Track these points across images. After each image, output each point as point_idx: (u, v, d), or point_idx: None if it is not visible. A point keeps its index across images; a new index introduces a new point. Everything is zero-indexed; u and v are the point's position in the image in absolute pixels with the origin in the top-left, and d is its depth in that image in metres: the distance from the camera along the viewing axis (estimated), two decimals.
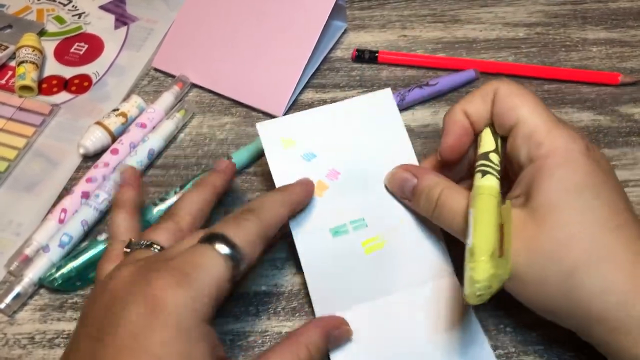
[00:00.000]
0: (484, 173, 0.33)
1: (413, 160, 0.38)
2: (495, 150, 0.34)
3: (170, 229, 0.33)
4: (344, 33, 0.53)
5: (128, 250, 0.33)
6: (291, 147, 0.38)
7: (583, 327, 0.30)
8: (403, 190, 0.36)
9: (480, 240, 0.30)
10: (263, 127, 0.39)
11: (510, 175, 0.35)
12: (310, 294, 0.35)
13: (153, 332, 0.26)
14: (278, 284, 0.38)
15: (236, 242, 0.30)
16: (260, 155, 0.44)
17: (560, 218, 0.30)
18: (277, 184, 0.37)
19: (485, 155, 0.34)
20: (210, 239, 0.30)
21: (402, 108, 0.47)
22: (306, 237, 0.36)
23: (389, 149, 0.39)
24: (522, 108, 0.33)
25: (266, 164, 0.44)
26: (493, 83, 0.35)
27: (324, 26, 0.47)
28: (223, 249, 0.29)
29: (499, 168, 0.34)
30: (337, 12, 0.51)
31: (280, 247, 0.40)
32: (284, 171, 0.38)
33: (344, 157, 0.38)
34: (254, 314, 0.37)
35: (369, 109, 0.40)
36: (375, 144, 0.39)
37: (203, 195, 0.36)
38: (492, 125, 0.35)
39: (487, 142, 0.35)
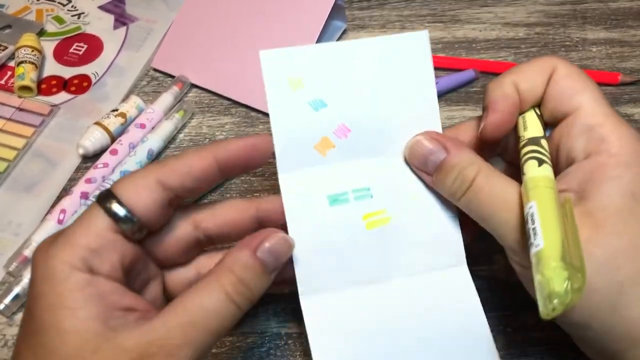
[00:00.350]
0: (540, 162, 0.29)
1: (438, 128, 0.33)
2: (544, 137, 0.30)
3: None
4: (343, 33, 0.53)
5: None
6: (298, 89, 0.32)
7: (618, 348, 0.27)
8: (426, 164, 0.31)
9: (553, 242, 0.25)
10: (268, 58, 0.33)
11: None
12: (295, 269, 0.31)
13: (30, 291, 0.26)
14: None
15: (119, 193, 0.27)
16: None
17: (622, 225, 0.26)
18: (275, 134, 0.31)
19: (537, 141, 0.30)
20: (99, 197, 0.27)
21: None
22: (298, 201, 0.31)
23: (413, 109, 0.33)
24: (584, 94, 0.29)
25: (267, 164, 0.44)
26: (550, 58, 0.30)
27: (324, 26, 0.47)
28: (109, 202, 0.27)
29: (550, 157, 0.29)
30: (336, 12, 0.51)
31: None
32: (284, 118, 0.31)
33: (358, 112, 0.32)
34: (253, 315, 0.37)
35: (397, 54, 0.33)
36: (397, 101, 0.33)
37: (203, 154, 0.29)
38: (538, 106, 0.31)
39: (534, 125, 0.31)
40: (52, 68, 0.50)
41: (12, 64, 0.50)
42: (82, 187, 0.41)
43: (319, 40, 0.47)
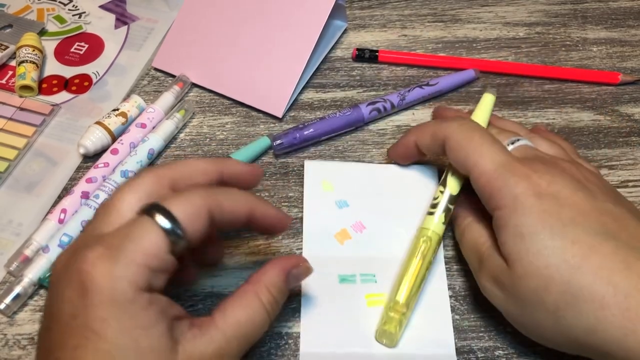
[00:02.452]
0: (431, 213, 0.37)
1: None
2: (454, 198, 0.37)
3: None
4: (344, 33, 0.53)
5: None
6: (329, 191, 0.41)
7: (592, 353, 0.30)
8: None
9: (405, 295, 0.34)
10: (310, 166, 0.42)
11: None
12: (301, 330, 0.36)
13: (88, 310, 0.25)
14: None
15: (175, 214, 0.27)
16: (259, 156, 0.44)
17: (528, 266, 0.31)
18: (306, 220, 0.40)
19: (452, 198, 0.37)
20: (149, 210, 0.27)
21: (402, 108, 0.47)
22: (313, 275, 0.35)
23: (419, 218, 0.39)
24: (471, 157, 0.34)
25: (267, 164, 0.44)
26: (444, 128, 0.36)
27: (324, 26, 0.47)
28: (161, 220, 0.27)
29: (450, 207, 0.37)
30: (337, 11, 0.51)
31: (279, 247, 0.40)
32: (315, 210, 0.40)
33: (373, 215, 0.40)
34: None
35: (411, 177, 0.42)
36: (407, 211, 0.40)
37: (207, 166, 0.32)
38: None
39: (450, 184, 0.37)
40: (53, 67, 0.50)
41: (13, 63, 0.50)
42: (82, 187, 0.41)
43: (319, 40, 0.47)
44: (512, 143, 0.37)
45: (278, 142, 0.44)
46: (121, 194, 0.29)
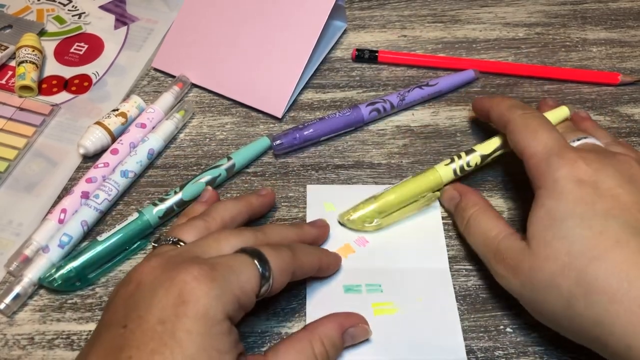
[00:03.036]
0: (451, 161, 0.40)
1: (444, 254, 0.39)
2: (485, 156, 0.40)
3: (199, 229, 0.34)
4: (343, 33, 0.53)
5: (155, 244, 0.34)
6: (330, 211, 0.41)
7: (596, 346, 0.31)
8: (450, 206, 0.40)
9: (386, 200, 0.39)
10: (312, 190, 0.43)
11: None
12: None
13: (180, 319, 0.27)
14: None
15: (271, 264, 0.30)
16: (259, 156, 0.44)
17: (550, 249, 0.31)
18: None
19: (472, 150, 0.40)
20: (250, 252, 0.31)
21: (402, 108, 0.47)
22: (317, 286, 0.37)
23: (422, 232, 0.40)
24: (525, 140, 0.35)
25: (267, 164, 0.44)
26: (510, 113, 0.37)
27: (324, 26, 0.47)
28: (258, 263, 0.30)
29: (468, 168, 0.40)
30: (337, 12, 0.51)
31: None
32: None
33: (376, 232, 0.40)
34: (253, 315, 0.37)
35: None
36: (409, 226, 0.40)
37: (238, 206, 0.37)
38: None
39: (489, 143, 0.40)
40: (53, 68, 0.50)
41: (12, 63, 0.50)
42: (82, 187, 0.41)
43: (319, 41, 0.47)
44: (579, 139, 0.37)
45: (278, 142, 0.44)
46: (228, 236, 0.32)
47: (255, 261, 0.30)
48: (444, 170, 0.40)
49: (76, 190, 0.41)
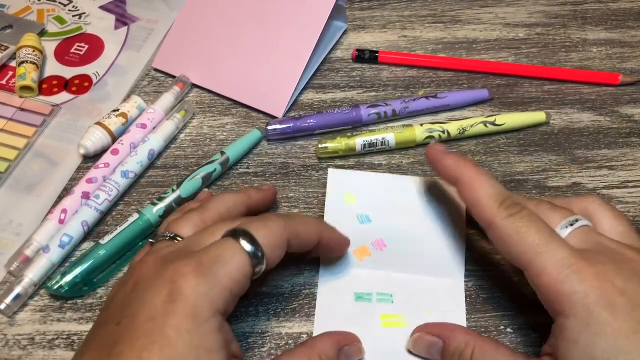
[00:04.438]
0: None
1: (461, 265, 0.38)
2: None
3: (195, 222, 0.34)
4: (344, 34, 0.53)
5: (153, 241, 0.34)
6: (351, 203, 0.40)
7: None
8: (431, 354, 0.34)
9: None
10: (333, 174, 0.40)
11: None
12: None
13: (169, 317, 0.27)
14: (278, 284, 0.38)
15: (260, 241, 0.30)
16: (251, 149, 0.45)
17: None
18: None
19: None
20: (235, 234, 0.30)
21: (405, 116, 0.47)
22: (329, 291, 0.37)
23: (443, 241, 0.38)
24: (527, 254, 0.30)
25: (267, 164, 0.44)
26: (488, 214, 0.32)
27: (324, 27, 0.47)
28: (246, 245, 0.29)
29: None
30: (337, 12, 0.51)
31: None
32: (336, 223, 0.36)
33: (395, 232, 0.39)
34: (253, 315, 0.37)
35: (438, 193, 0.40)
36: (431, 228, 0.39)
37: (236, 200, 0.37)
38: None
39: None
40: (53, 68, 0.50)
41: (13, 64, 0.50)
42: (83, 187, 0.41)
43: (319, 41, 0.47)
44: (571, 225, 0.32)
45: (272, 127, 0.45)
46: (222, 228, 0.31)
47: (243, 243, 0.29)
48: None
49: (77, 191, 0.41)
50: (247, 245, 0.29)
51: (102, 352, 0.27)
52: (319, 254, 0.36)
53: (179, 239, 0.33)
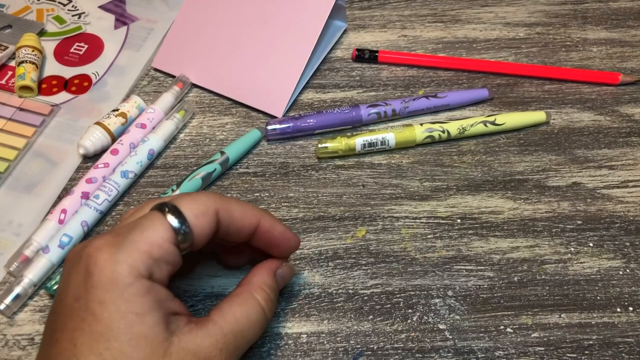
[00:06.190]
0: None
1: None
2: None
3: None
4: (344, 33, 0.53)
5: None
6: None
7: None
8: None
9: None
10: None
11: None
12: None
13: (90, 292, 0.26)
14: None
15: (183, 210, 0.29)
16: (251, 148, 0.45)
17: None
18: None
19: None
20: (160, 207, 0.29)
21: (405, 116, 0.47)
22: None
23: None
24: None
25: (267, 164, 0.44)
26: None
27: (324, 26, 0.47)
28: (169, 217, 0.28)
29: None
30: (337, 12, 0.51)
31: None
32: None
33: None
34: None
35: None
36: None
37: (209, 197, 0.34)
38: None
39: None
40: (53, 68, 0.50)
41: (12, 63, 0.50)
42: (82, 187, 0.41)
43: (319, 41, 0.47)
44: None
45: (271, 127, 0.45)
46: (150, 202, 0.31)
47: (166, 214, 0.28)
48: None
49: (76, 191, 0.41)
50: (168, 214, 0.28)
51: (44, 344, 0.28)
52: (264, 247, 0.34)
53: None
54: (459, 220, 0.41)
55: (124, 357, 0.26)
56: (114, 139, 0.44)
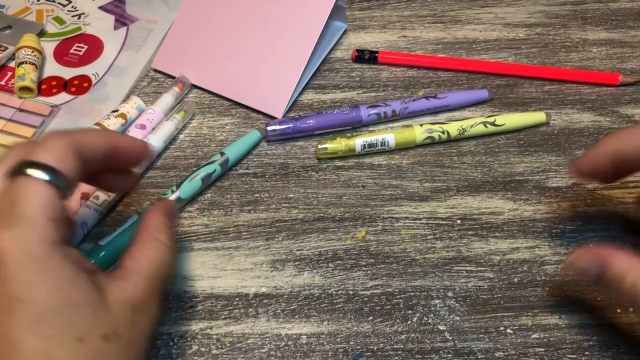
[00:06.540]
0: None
1: None
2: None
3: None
4: (344, 34, 0.53)
5: None
6: None
7: None
8: (588, 276, 0.31)
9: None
10: None
11: None
12: None
13: (9, 278, 0.25)
14: (278, 285, 0.38)
15: (45, 161, 0.27)
16: (251, 149, 0.45)
17: None
18: None
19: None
20: (18, 170, 0.27)
21: (405, 117, 0.47)
22: None
23: None
24: None
25: (267, 164, 0.44)
26: None
27: (324, 27, 0.47)
28: (37, 173, 0.27)
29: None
30: (337, 12, 0.51)
31: (279, 248, 0.40)
32: None
33: None
34: (253, 316, 0.37)
35: None
36: None
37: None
38: None
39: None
40: (53, 69, 0.50)
41: (12, 64, 0.50)
42: (82, 188, 0.41)
43: (319, 41, 0.47)
44: None
45: (271, 127, 0.45)
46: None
47: (31, 172, 0.27)
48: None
49: (76, 191, 0.41)
50: (37, 174, 0.27)
51: None
52: (122, 163, 0.33)
53: None
54: (459, 221, 0.41)
55: (72, 328, 0.25)
56: None
